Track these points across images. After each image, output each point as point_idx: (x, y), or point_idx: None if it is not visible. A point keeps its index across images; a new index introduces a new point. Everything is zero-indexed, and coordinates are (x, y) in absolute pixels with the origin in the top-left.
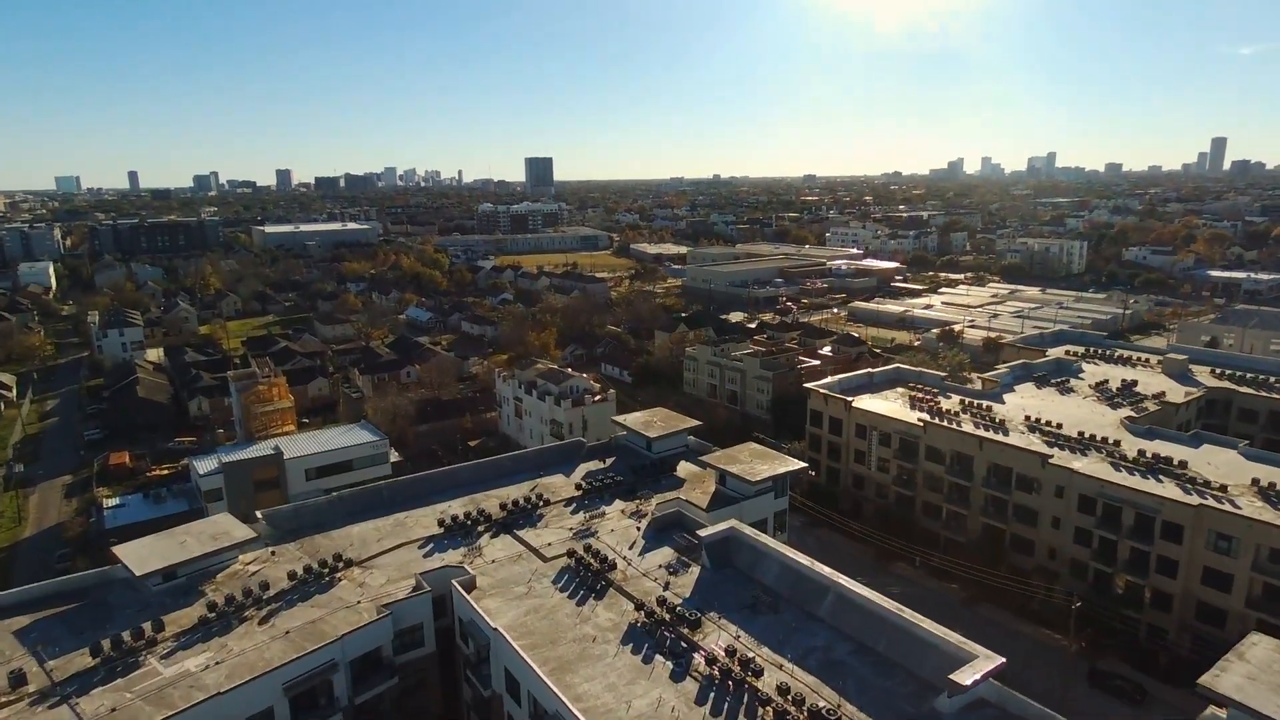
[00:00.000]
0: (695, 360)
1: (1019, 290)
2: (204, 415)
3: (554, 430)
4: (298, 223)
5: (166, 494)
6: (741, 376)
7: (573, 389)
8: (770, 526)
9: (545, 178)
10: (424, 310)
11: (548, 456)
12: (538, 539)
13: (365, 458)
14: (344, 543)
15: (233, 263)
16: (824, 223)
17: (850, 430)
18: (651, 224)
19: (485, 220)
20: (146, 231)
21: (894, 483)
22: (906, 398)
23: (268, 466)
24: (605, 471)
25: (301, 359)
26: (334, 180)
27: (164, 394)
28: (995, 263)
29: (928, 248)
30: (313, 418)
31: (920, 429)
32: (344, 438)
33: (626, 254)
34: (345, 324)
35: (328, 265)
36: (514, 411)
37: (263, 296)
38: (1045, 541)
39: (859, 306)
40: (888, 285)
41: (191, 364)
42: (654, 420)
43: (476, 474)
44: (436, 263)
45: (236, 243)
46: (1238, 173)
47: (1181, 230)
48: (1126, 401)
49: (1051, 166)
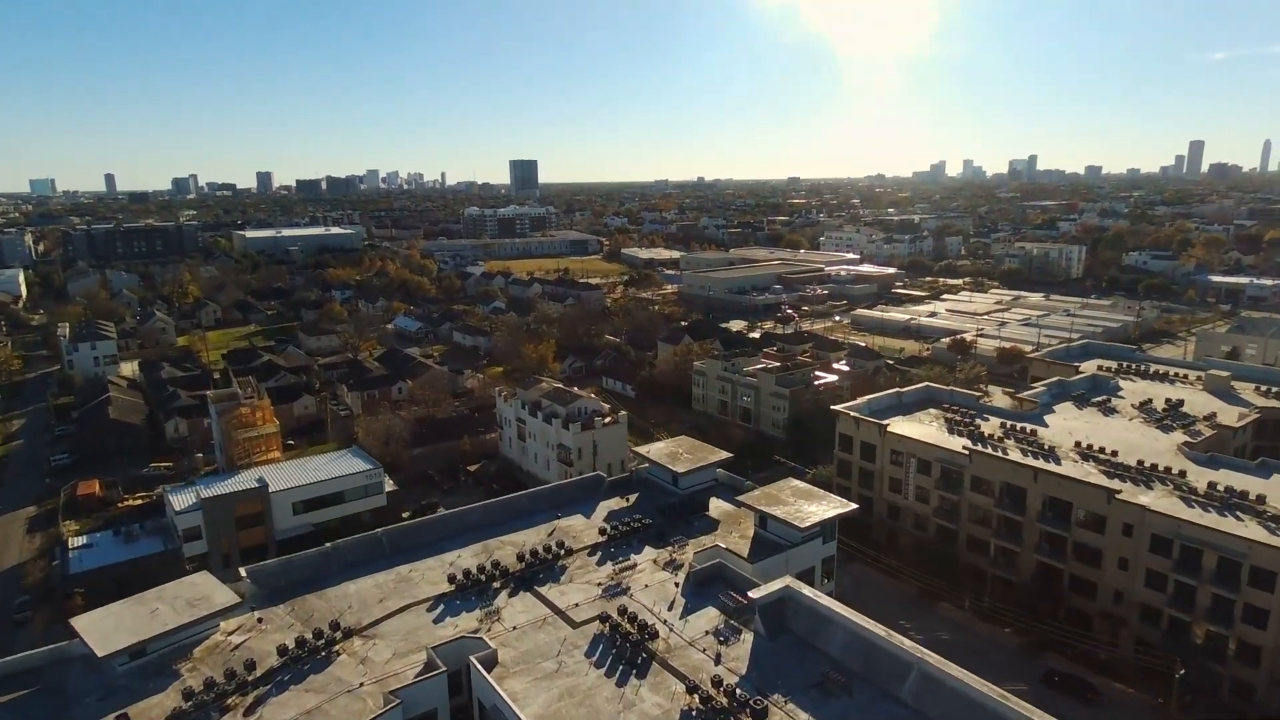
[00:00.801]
0: (704, 375)
1: (1022, 297)
2: (181, 438)
3: (561, 455)
4: (279, 227)
5: (139, 531)
6: (755, 394)
7: (581, 411)
8: (818, 575)
9: (530, 180)
10: (413, 319)
11: (565, 494)
12: (563, 598)
13: (358, 489)
14: (341, 604)
15: (212, 269)
16: (816, 227)
17: (885, 457)
18: (640, 228)
19: (471, 224)
20: (122, 236)
21: (935, 514)
22: (942, 420)
23: (251, 501)
24: (630, 512)
25: (286, 374)
26: (315, 183)
27: (138, 414)
28: (994, 268)
29: (923, 252)
30: (299, 439)
31: (965, 457)
32: (334, 466)
33: (617, 259)
34: (331, 335)
35: (311, 272)
36: (516, 433)
37: (244, 305)
38: (1110, 584)
39: (862, 314)
40: (888, 291)
41: (168, 380)
42: (679, 451)
43: (487, 516)
44: (424, 269)
45: (216, 248)
46: (1216, 175)
47: (1176, 235)
48: (1177, 424)
49: (1033, 169)
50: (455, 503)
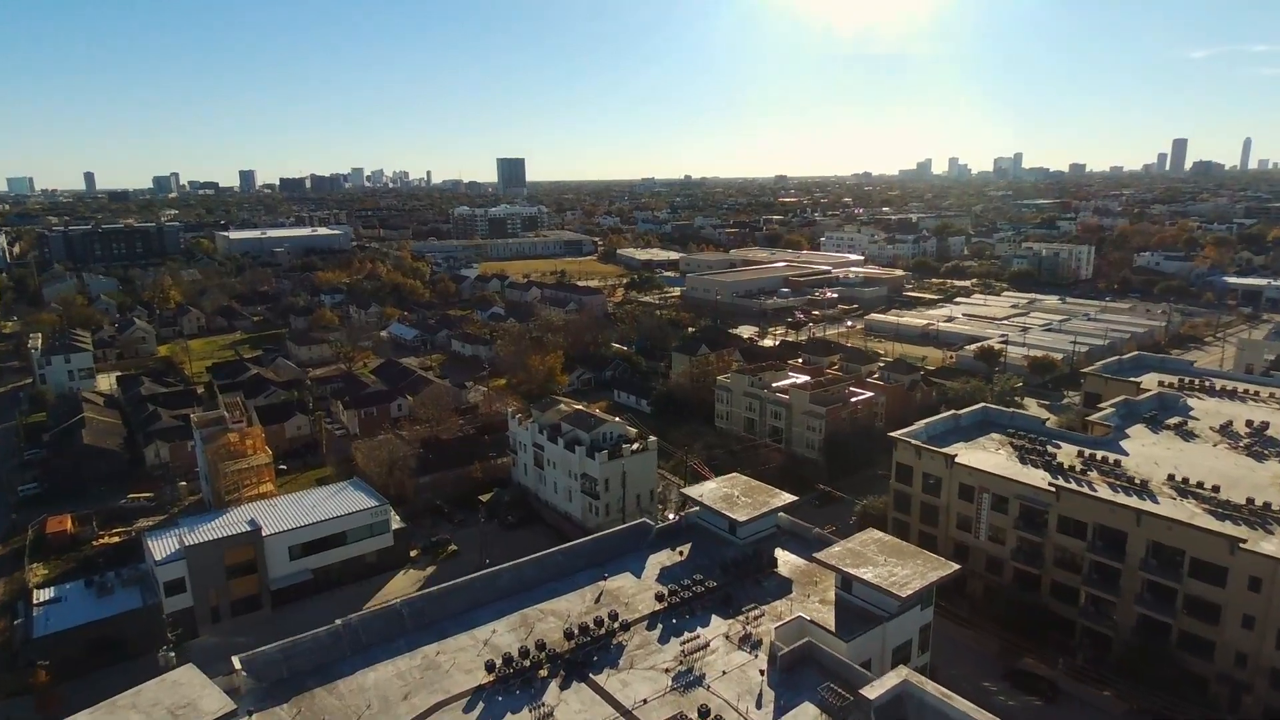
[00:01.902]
0: (729, 391)
1: (1037, 300)
2: (163, 464)
3: (586, 486)
4: (264, 228)
5: (114, 582)
6: (787, 412)
7: (606, 436)
8: (914, 647)
9: (517, 178)
10: (408, 327)
11: (608, 546)
12: (625, 690)
13: (362, 528)
14: (358, 701)
15: (194, 272)
16: (814, 227)
17: (952, 491)
18: (634, 228)
19: (462, 224)
20: (101, 238)
21: (1012, 557)
22: (1008, 447)
23: (242, 547)
24: (685, 568)
25: (276, 390)
26: (299, 182)
27: (115, 438)
28: (1002, 269)
29: (927, 253)
30: (291, 462)
31: (1051, 494)
32: (335, 503)
33: (613, 260)
34: (323, 344)
35: (299, 275)
36: (533, 460)
37: (228, 311)
38: (1231, 644)
39: (876, 319)
40: (899, 294)
41: (148, 398)
42: (734, 493)
43: (521, 578)
44: (417, 272)
45: (198, 250)
46: (1200, 173)
47: (1181, 234)
48: (1271, 451)
49: (1018, 167)
50: (468, 539)
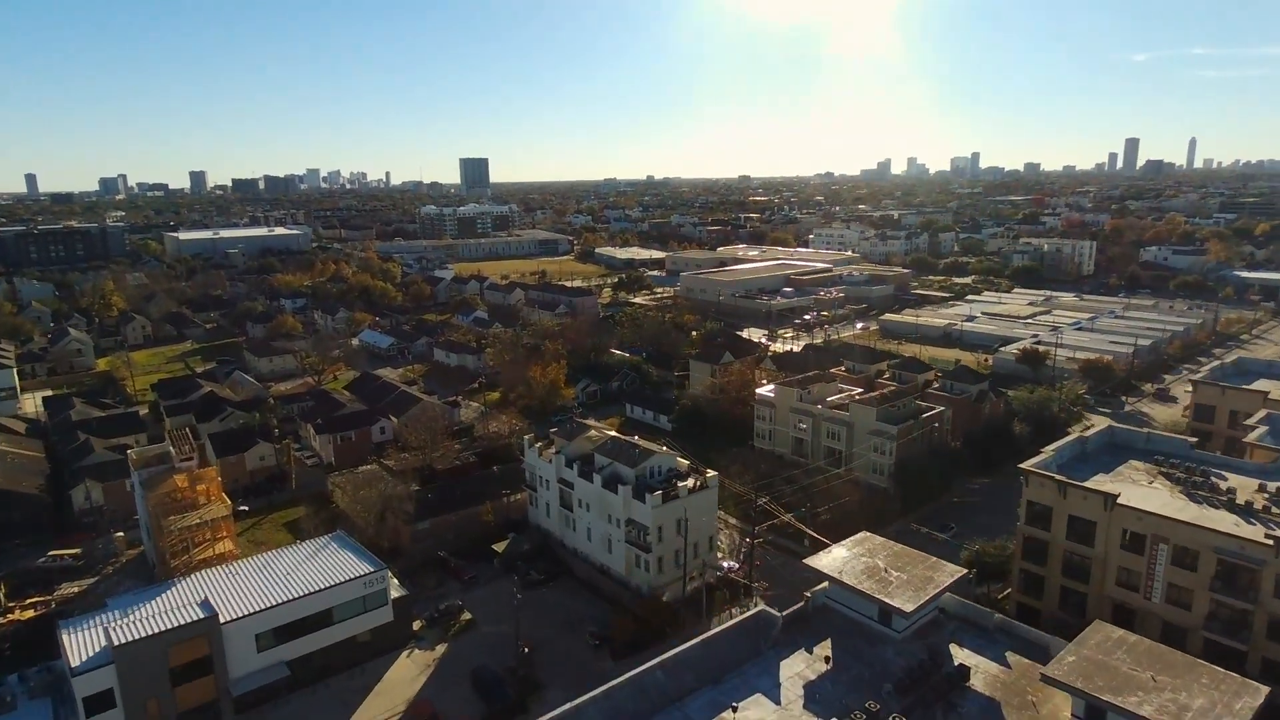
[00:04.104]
0: (773, 407)
1: (1054, 297)
2: (94, 509)
3: (632, 535)
4: (216, 228)
5: (17, 692)
6: (847, 431)
7: (656, 472)
8: None
9: (481, 179)
10: (382, 334)
11: (722, 650)
12: None
13: (353, 602)
14: None
15: (141, 276)
16: (797, 224)
17: (1111, 540)
18: (608, 226)
19: (429, 224)
20: (36, 240)
21: (1204, 626)
22: (1161, 479)
23: (193, 640)
24: (836, 683)
25: (233, 411)
26: (253, 182)
27: (35, 476)
28: (1003, 265)
29: (921, 249)
30: (254, 500)
31: (1267, 548)
32: (315, 567)
33: (591, 259)
34: (285, 354)
35: (255, 278)
36: (558, 499)
37: (178, 318)
38: None
39: (891, 320)
40: (906, 292)
41: (80, 423)
42: (877, 564)
43: (610, 710)
44: (387, 273)
45: (146, 252)
46: (1152, 172)
47: (1172, 229)
48: None
49: (976, 166)
50: (484, 602)
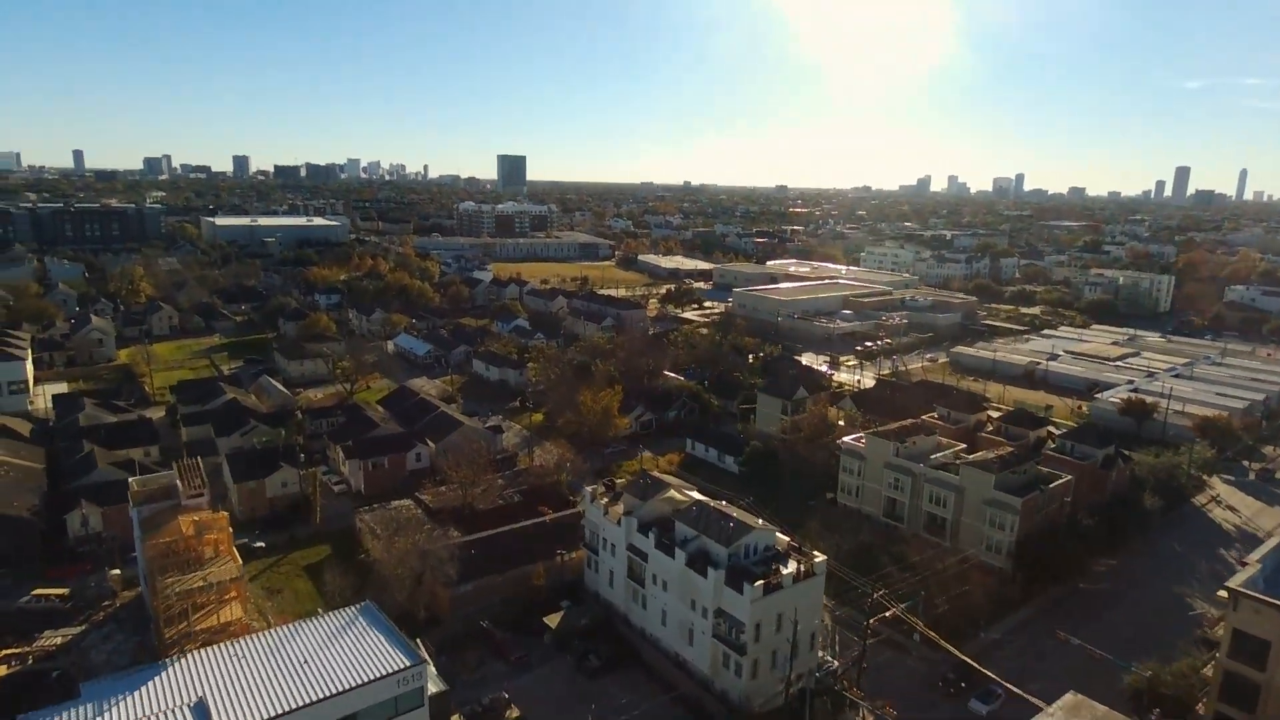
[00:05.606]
0: (863, 460)
1: (1139, 336)
2: (91, 536)
3: (722, 630)
4: (255, 215)
5: None
6: (956, 498)
7: (752, 550)
8: None
9: (518, 176)
10: (418, 339)
11: None
12: None
13: (383, 704)
14: None
15: (173, 261)
16: (845, 240)
17: None
18: (649, 232)
19: (467, 220)
20: (73, 218)
21: None
22: None
23: None
24: None
25: (258, 425)
26: (294, 169)
27: (29, 495)
28: (1076, 296)
29: (981, 274)
30: (272, 534)
31: None
32: (338, 653)
33: (633, 266)
34: (317, 358)
35: (291, 269)
36: (625, 568)
37: (207, 309)
38: None
39: (964, 353)
40: (973, 322)
41: (87, 429)
42: None
43: None
44: (425, 272)
45: (182, 236)
46: (1201, 202)
47: (1250, 266)
48: None
49: (1020, 188)
50: (534, 692)
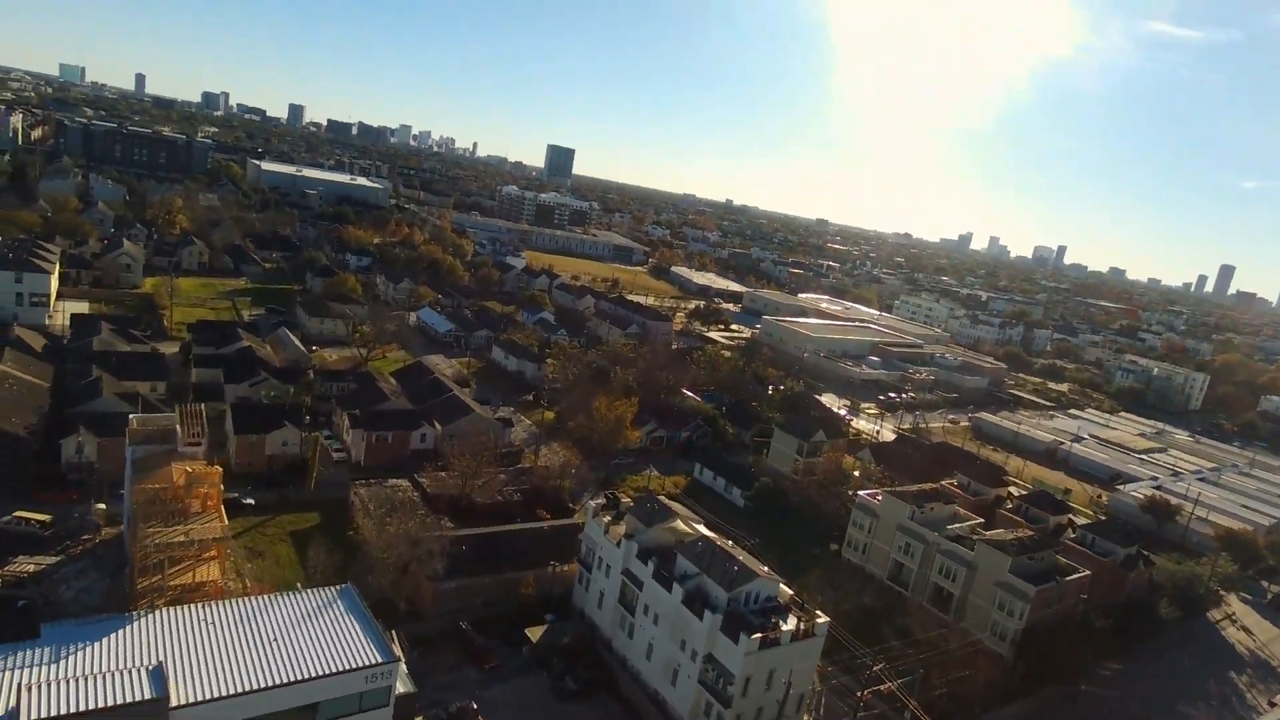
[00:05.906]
0: (874, 517)
1: (1167, 432)
2: (84, 465)
3: (708, 677)
4: (300, 165)
5: None
6: (967, 574)
7: (753, 598)
8: None
9: (564, 168)
10: (442, 316)
11: None
12: None
13: (348, 698)
14: None
15: (213, 198)
16: (881, 285)
17: None
18: (685, 245)
19: (508, 204)
20: (123, 140)
21: None
22: None
23: None
24: None
25: (268, 378)
26: (347, 126)
27: (28, 412)
28: (1106, 380)
29: (1013, 341)
30: (264, 492)
31: None
32: (310, 636)
33: (665, 276)
34: (338, 318)
35: (327, 225)
36: (617, 592)
37: (239, 252)
38: None
39: (987, 420)
40: (999, 389)
41: (98, 354)
42: None
43: None
44: (458, 249)
45: (226, 174)
46: (1242, 302)
47: None
48: None
49: (1060, 260)
50: (504, 705)
